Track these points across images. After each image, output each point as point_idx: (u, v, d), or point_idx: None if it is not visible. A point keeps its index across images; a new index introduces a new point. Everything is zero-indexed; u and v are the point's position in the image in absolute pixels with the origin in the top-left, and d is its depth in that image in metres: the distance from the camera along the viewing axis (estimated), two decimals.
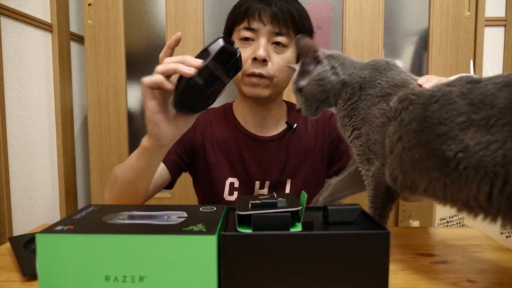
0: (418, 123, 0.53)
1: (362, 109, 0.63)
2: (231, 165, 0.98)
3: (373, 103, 0.61)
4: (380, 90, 0.61)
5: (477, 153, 0.46)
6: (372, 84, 0.62)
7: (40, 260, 0.45)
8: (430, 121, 0.52)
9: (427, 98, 0.54)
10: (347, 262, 0.46)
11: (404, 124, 0.55)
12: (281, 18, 0.89)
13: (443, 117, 0.50)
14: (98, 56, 1.78)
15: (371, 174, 0.62)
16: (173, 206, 0.57)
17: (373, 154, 0.61)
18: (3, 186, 1.34)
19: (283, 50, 0.91)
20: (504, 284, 0.54)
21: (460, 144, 0.48)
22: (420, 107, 0.54)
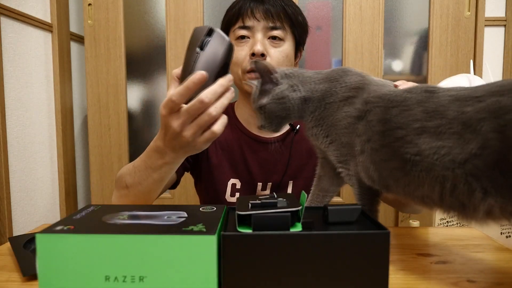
0: (381, 125, 0.57)
1: (328, 117, 0.65)
2: (233, 166, 0.97)
3: (337, 108, 0.64)
4: (340, 96, 0.64)
5: (429, 157, 0.51)
6: (331, 93, 0.65)
7: (40, 260, 0.45)
8: (390, 124, 0.56)
9: (389, 102, 0.57)
10: (347, 262, 0.46)
11: (371, 125, 0.58)
12: (274, 12, 0.90)
13: (401, 122, 0.54)
14: (98, 56, 1.78)
15: (353, 174, 0.64)
16: (173, 206, 0.57)
17: (347, 156, 0.64)
18: (3, 186, 1.34)
19: (280, 44, 0.92)
20: (504, 284, 0.54)
21: (415, 148, 0.52)
22: (382, 110, 0.57)
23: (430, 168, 0.51)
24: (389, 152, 0.55)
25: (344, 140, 0.63)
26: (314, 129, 0.67)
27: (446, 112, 0.51)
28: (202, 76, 0.56)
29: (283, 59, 0.92)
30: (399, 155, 0.54)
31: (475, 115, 0.48)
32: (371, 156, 0.58)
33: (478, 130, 0.47)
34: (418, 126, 0.52)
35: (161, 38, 1.78)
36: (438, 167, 0.50)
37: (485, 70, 1.73)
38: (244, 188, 0.97)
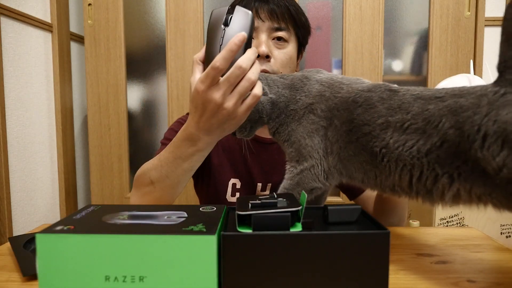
0: (347, 125, 0.61)
1: (290, 122, 0.67)
2: (233, 166, 0.97)
3: (300, 115, 0.66)
4: (302, 103, 0.66)
5: (397, 149, 0.55)
6: (294, 101, 0.67)
7: (40, 260, 0.45)
8: (356, 122, 0.60)
9: (352, 103, 0.61)
10: (347, 262, 0.46)
11: (337, 128, 0.62)
12: (279, 13, 0.89)
13: (367, 119, 0.58)
14: (98, 56, 1.78)
15: (298, 172, 0.66)
16: (173, 206, 0.57)
17: (303, 157, 0.66)
18: (3, 186, 1.34)
19: (284, 45, 0.91)
20: (504, 284, 0.54)
21: (382, 142, 0.57)
22: (346, 112, 0.61)
23: (397, 159, 0.55)
24: (358, 147, 0.60)
25: (306, 142, 0.65)
26: (276, 135, 0.70)
27: (410, 109, 0.55)
28: (243, 36, 0.57)
29: (287, 60, 0.91)
30: (368, 149, 0.58)
31: (437, 112, 0.52)
32: (339, 154, 0.62)
33: (440, 126, 0.51)
34: (382, 122, 0.57)
35: (161, 38, 1.78)
36: (405, 157, 0.54)
37: (485, 70, 1.73)
38: (244, 188, 0.97)
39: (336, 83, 0.67)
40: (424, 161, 0.53)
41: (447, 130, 0.51)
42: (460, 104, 0.51)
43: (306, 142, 0.65)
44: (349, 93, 0.63)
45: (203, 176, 1.00)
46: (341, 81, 0.67)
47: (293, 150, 0.67)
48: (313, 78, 0.69)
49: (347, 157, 0.62)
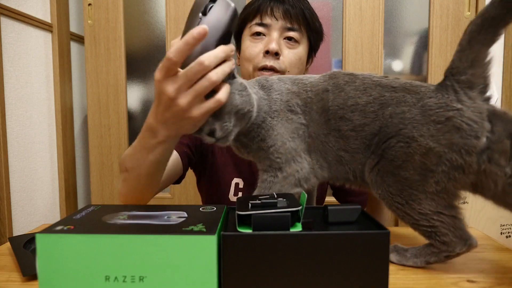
0: (325, 115, 0.63)
1: (276, 125, 0.64)
2: (237, 166, 0.98)
3: (282, 116, 0.64)
4: (281, 103, 0.64)
5: (363, 130, 0.60)
6: (273, 101, 0.65)
7: (40, 260, 0.45)
8: (332, 109, 0.62)
9: (322, 93, 0.63)
10: (347, 262, 0.46)
11: (317, 121, 0.63)
12: (293, 14, 0.90)
13: (340, 102, 0.62)
14: (98, 56, 1.78)
15: (280, 179, 0.64)
16: (173, 206, 0.57)
17: (287, 163, 0.63)
18: (3, 186, 1.34)
19: (295, 46, 0.92)
20: (504, 284, 0.54)
21: (351, 124, 0.61)
22: (321, 102, 0.63)
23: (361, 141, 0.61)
24: (335, 135, 0.62)
25: (291, 145, 0.63)
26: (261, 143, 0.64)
27: (372, 92, 0.61)
28: (204, 30, 0.50)
29: (296, 61, 0.92)
30: (343, 134, 0.62)
31: (389, 100, 0.59)
32: (320, 149, 0.64)
33: (385, 113, 0.59)
34: (352, 103, 0.61)
35: (161, 38, 1.78)
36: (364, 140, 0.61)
37: None
38: (247, 188, 0.97)
39: (295, 80, 0.67)
40: (373, 143, 0.60)
41: (388, 118, 0.59)
42: (405, 99, 0.58)
43: (291, 145, 0.64)
44: (315, 85, 0.64)
45: (205, 173, 1.00)
46: (296, 77, 0.68)
47: (279, 156, 0.63)
48: (270, 79, 0.68)
49: (328, 149, 0.63)
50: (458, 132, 0.54)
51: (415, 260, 0.59)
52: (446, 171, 0.54)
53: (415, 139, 0.55)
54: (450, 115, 0.54)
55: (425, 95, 0.57)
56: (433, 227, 0.56)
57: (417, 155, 0.55)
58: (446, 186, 0.55)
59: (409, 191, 0.56)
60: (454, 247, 0.56)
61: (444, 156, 0.54)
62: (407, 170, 0.56)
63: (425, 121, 0.55)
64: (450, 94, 0.56)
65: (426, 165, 0.55)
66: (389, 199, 0.58)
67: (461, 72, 0.56)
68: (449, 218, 0.56)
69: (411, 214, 0.57)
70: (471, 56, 0.55)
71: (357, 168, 0.63)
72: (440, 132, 0.54)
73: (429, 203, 0.56)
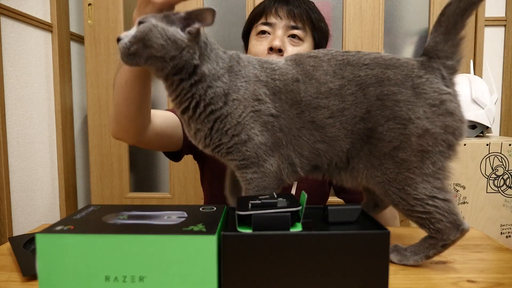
0: (296, 107, 0.60)
1: (235, 114, 0.60)
2: None
3: (246, 105, 0.60)
4: (245, 92, 0.60)
5: (343, 115, 0.59)
6: (235, 89, 0.60)
7: (40, 260, 0.45)
8: (305, 100, 0.60)
9: (292, 83, 0.60)
10: (347, 262, 0.46)
11: (288, 113, 0.60)
12: (297, 13, 0.93)
13: (313, 91, 0.59)
14: (98, 56, 1.78)
15: (259, 176, 0.62)
16: (173, 206, 0.57)
17: (260, 157, 0.61)
18: (3, 186, 1.34)
19: (299, 43, 0.94)
20: (504, 284, 0.54)
21: (328, 111, 0.59)
22: (291, 94, 0.60)
23: (341, 127, 0.59)
24: (310, 128, 0.60)
25: (259, 140, 0.60)
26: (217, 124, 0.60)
27: (344, 74, 0.59)
28: None
29: None
30: (318, 125, 0.60)
31: (367, 79, 0.58)
32: (293, 143, 0.61)
33: (367, 94, 0.57)
34: (326, 89, 0.59)
35: None
36: (345, 125, 0.59)
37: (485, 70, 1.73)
38: None
39: (264, 63, 0.63)
40: (355, 128, 0.59)
41: (374, 100, 0.57)
42: (387, 76, 0.57)
43: (260, 140, 0.60)
44: (284, 74, 0.61)
45: (212, 166, 1.00)
46: (265, 61, 0.64)
47: (248, 150, 0.60)
48: (242, 59, 0.63)
49: (302, 144, 0.61)
50: (451, 116, 0.56)
51: (415, 258, 0.59)
52: (442, 150, 0.56)
53: (412, 121, 0.56)
54: (444, 98, 0.56)
55: (412, 72, 0.57)
56: (428, 213, 0.56)
57: (414, 137, 0.56)
58: (442, 165, 0.57)
59: (405, 174, 0.56)
60: (449, 234, 0.56)
61: (440, 137, 0.56)
62: (405, 152, 0.56)
63: (420, 103, 0.56)
64: (439, 78, 0.57)
65: (422, 146, 0.56)
66: (385, 183, 0.58)
67: (448, 57, 0.57)
68: (443, 203, 0.56)
69: (406, 200, 0.57)
70: (455, 41, 0.56)
71: (336, 156, 0.61)
72: (435, 114, 0.56)
73: (424, 186, 0.56)
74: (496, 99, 1.38)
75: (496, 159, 1.27)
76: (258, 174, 0.62)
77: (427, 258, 0.58)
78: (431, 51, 0.58)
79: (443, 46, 0.57)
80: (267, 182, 0.62)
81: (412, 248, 0.60)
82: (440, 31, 0.56)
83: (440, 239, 0.57)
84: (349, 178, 0.63)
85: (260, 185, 0.62)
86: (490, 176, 1.28)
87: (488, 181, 1.28)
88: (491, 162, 1.27)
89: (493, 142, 1.27)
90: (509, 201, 1.28)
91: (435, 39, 0.57)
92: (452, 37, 0.56)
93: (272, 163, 0.62)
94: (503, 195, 1.28)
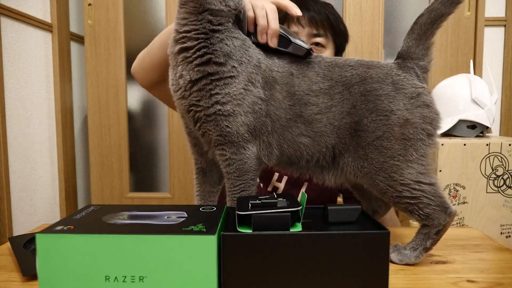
0: (289, 99, 0.62)
1: (228, 81, 0.59)
2: None
3: (240, 80, 0.60)
4: (244, 69, 0.60)
5: (330, 111, 0.62)
6: (238, 59, 0.61)
7: (40, 260, 0.45)
8: (298, 94, 0.63)
9: (288, 76, 0.63)
10: (347, 262, 0.46)
11: (280, 102, 0.62)
12: (319, 20, 0.93)
13: (305, 88, 0.63)
14: (98, 56, 1.78)
15: (240, 158, 0.61)
16: (173, 206, 0.57)
17: (241, 137, 0.60)
18: (3, 186, 1.34)
19: (322, 50, 0.95)
20: (504, 284, 0.54)
21: (316, 107, 0.62)
22: (287, 86, 0.63)
23: (328, 122, 0.62)
24: (297, 121, 0.62)
25: (242, 120, 0.60)
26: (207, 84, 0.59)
27: (332, 75, 0.63)
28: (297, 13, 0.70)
29: None
30: (306, 118, 0.62)
31: (352, 79, 0.63)
32: (278, 132, 0.62)
33: (352, 92, 0.62)
34: (316, 88, 0.63)
35: None
36: (332, 121, 0.62)
37: (485, 70, 1.73)
38: (261, 175, 0.96)
39: (267, 54, 0.64)
40: (345, 122, 0.62)
41: (358, 96, 0.62)
42: (370, 75, 0.63)
43: (243, 120, 0.60)
44: (282, 66, 0.64)
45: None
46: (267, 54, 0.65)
47: (229, 125, 0.59)
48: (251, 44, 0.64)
49: (286, 134, 0.63)
50: (428, 107, 0.62)
51: (415, 254, 0.59)
52: (423, 139, 0.61)
53: (394, 112, 0.61)
54: (420, 91, 0.62)
55: (391, 71, 0.63)
56: (415, 198, 0.59)
57: (397, 126, 0.60)
58: (424, 152, 0.61)
59: (390, 162, 0.60)
60: (438, 218, 0.58)
61: (419, 126, 0.61)
62: (389, 141, 0.60)
63: (400, 97, 0.61)
64: (413, 76, 0.63)
65: (405, 135, 0.60)
66: (372, 173, 0.60)
67: (420, 58, 0.64)
68: (429, 187, 0.59)
69: (393, 186, 0.59)
70: (426, 45, 0.64)
71: (319, 152, 0.63)
72: (414, 106, 0.61)
73: (409, 172, 0.59)
74: (496, 99, 1.38)
75: (496, 159, 1.27)
76: (238, 155, 0.61)
77: (426, 250, 0.59)
78: (404, 54, 0.65)
79: (415, 49, 0.64)
80: (249, 164, 0.62)
81: (410, 245, 0.60)
82: (413, 37, 0.64)
83: (432, 226, 0.59)
84: (331, 177, 0.65)
85: (241, 169, 0.61)
86: (490, 176, 1.28)
87: (488, 181, 1.28)
88: (491, 162, 1.27)
89: (493, 142, 1.27)
90: (509, 201, 1.28)
91: (408, 44, 0.65)
92: (423, 42, 0.64)
93: (253, 145, 0.62)
94: (503, 195, 1.28)
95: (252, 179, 0.63)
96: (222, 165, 0.63)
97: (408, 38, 0.65)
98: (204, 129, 0.61)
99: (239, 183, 0.62)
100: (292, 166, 0.67)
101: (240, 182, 0.62)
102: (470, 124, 1.36)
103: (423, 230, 0.60)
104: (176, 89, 0.62)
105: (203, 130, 0.61)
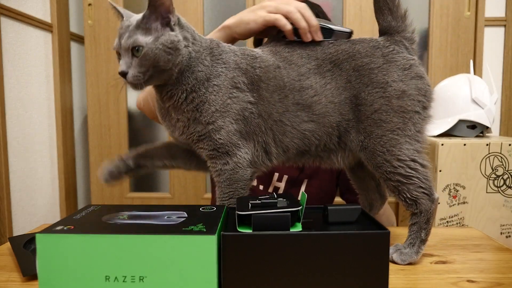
0: (279, 93, 0.62)
1: (214, 101, 0.60)
2: None
3: (224, 92, 0.60)
4: (225, 78, 0.60)
5: (326, 89, 0.62)
6: (216, 74, 0.60)
7: (40, 260, 0.45)
8: (289, 84, 0.62)
9: (274, 70, 0.62)
10: (347, 262, 0.46)
11: (268, 100, 0.61)
12: None
13: (294, 75, 0.62)
14: (98, 56, 1.78)
15: (231, 168, 0.61)
16: (173, 206, 0.57)
17: (234, 146, 0.61)
18: (3, 186, 1.34)
19: None
20: (504, 284, 0.54)
21: (311, 90, 0.62)
22: (274, 80, 0.62)
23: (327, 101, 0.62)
24: (294, 110, 0.62)
25: (234, 127, 0.60)
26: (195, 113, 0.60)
27: (317, 54, 0.64)
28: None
29: None
30: (304, 105, 0.62)
31: (340, 55, 0.63)
32: (273, 129, 0.62)
33: (343, 69, 0.62)
34: (305, 71, 0.62)
35: None
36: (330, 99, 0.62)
37: (485, 70, 1.73)
38: (261, 177, 0.97)
39: (244, 51, 0.64)
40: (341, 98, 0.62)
41: (348, 72, 0.62)
42: (357, 50, 0.63)
43: (235, 128, 0.60)
44: (265, 61, 0.62)
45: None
46: (246, 49, 0.64)
47: (221, 138, 0.60)
48: (222, 46, 0.63)
49: (285, 129, 0.62)
50: (421, 79, 0.62)
51: (415, 250, 0.60)
52: (419, 111, 0.61)
53: (389, 84, 0.61)
54: (411, 63, 0.62)
55: (378, 44, 0.64)
56: (408, 178, 0.59)
57: (394, 99, 0.60)
58: (421, 127, 0.61)
59: (390, 135, 0.60)
60: (425, 204, 0.60)
61: (415, 98, 0.61)
62: (388, 114, 0.60)
63: (393, 68, 0.61)
64: (403, 48, 0.63)
65: (402, 107, 0.60)
66: (371, 147, 0.61)
67: (404, 30, 0.64)
68: (422, 168, 0.60)
69: (390, 161, 0.60)
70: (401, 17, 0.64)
71: (326, 134, 0.63)
72: (408, 77, 0.61)
73: (407, 148, 0.60)
74: (496, 99, 1.38)
75: (496, 159, 1.27)
76: (230, 165, 0.61)
77: (423, 242, 0.60)
78: (387, 30, 0.66)
79: (396, 24, 0.64)
80: (240, 174, 0.61)
81: (407, 242, 0.61)
82: (386, 13, 0.65)
83: (419, 214, 0.60)
84: (340, 159, 0.65)
85: (232, 178, 0.61)
86: (490, 176, 1.28)
87: (488, 181, 1.28)
88: (491, 162, 1.27)
89: (493, 142, 1.27)
90: (509, 201, 1.28)
91: (385, 20, 0.65)
92: (395, 13, 0.64)
93: (247, 151, 0.62)
94: (503, 195, 1.28)
95: (242, 188, 0.62)
96: (213, 174, 0.63)
97: (382, 16, 0.66)
98: (198, 147, 0.63)
99: (228, 190, 0.62)
100: (304, 156, 0.66)
101: (229, 190, 0.62)
102: (470, 124, 1.36)
103: (413, 221, 0.60)
104: (175, 130, 0.64)
105: (197, 148, 0.63)
